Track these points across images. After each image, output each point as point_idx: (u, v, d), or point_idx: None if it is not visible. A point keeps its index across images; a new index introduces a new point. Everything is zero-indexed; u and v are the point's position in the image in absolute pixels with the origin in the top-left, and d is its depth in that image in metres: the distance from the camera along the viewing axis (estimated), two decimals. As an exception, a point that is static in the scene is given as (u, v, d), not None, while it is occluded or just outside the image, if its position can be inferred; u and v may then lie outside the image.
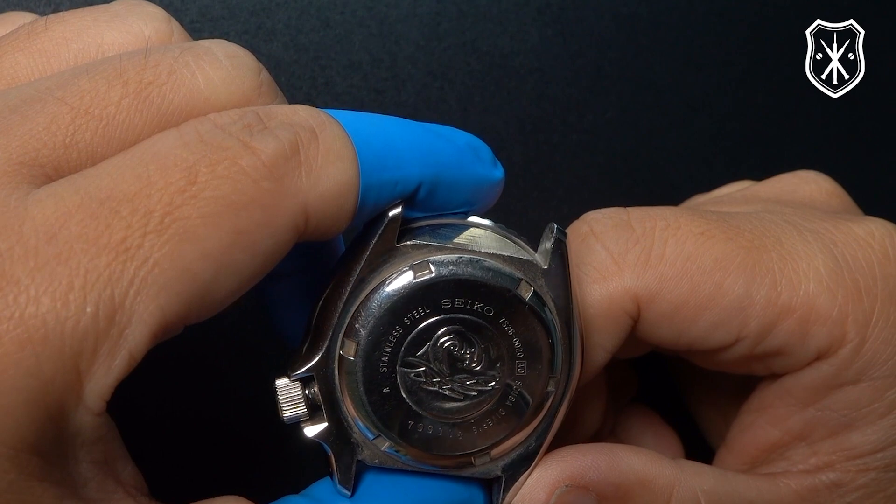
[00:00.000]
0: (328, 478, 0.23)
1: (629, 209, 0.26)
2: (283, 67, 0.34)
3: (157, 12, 0.23)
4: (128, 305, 0.18)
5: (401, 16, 0.35)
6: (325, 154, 0.20)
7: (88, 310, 0.17)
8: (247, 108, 0.20)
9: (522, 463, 0.23)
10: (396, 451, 0.22)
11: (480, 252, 0.22)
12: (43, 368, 0.17)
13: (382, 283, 0.22)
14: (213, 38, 0.34)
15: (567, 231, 0.25)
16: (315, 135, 0.20)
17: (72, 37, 0.22)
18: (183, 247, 0.18)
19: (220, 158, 0.19)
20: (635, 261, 0.25)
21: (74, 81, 0.20)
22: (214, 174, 0.19)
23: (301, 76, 0.35)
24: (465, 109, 0.36)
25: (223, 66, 0.21)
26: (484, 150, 0.23)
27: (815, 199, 0.30)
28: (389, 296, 0.22)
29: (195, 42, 0.22)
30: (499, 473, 0.23)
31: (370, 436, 0.22)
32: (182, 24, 0.33)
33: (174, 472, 0.27)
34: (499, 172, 0.23)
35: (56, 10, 0.33)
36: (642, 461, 0.24)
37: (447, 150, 0.22)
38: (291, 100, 0.34)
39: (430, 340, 0.22)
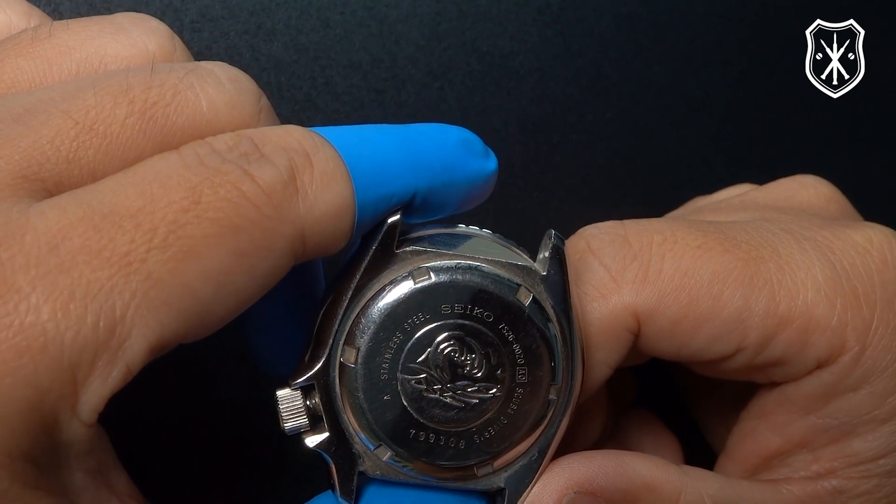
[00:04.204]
0: (330, 491, 0.23)
1: (626, 223, 0.26)
2: (283, 67, 0.34)
3: (162, 28, 0.23)
4: (128, 318, 0.18)
5: (401, 16, 0.35)
6: (320, 177, 0.20)
7: (89, 320, 0.17)
8: (241, 133, 0.21)
9: (525, 474, 0.23)
10: (398, 462, 0.22)
11: (480, 258, 0.22)
12: (40, 377, 0.17)
13: (382, 290, 0.22)
14: (213, 38, 0.34)
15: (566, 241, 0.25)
16: (309, 159, 0.20)
17: (76, 46, 0.22)
18: (185, 265, 0.18)
19: (222, 181, 0.19)
20: (633, 277, 0.25)
21: (80, 95, 0.20)
22: (218, 196, 0.19)
23: (301, 76, 0.34)
24: (465, 109, 0.36)
25: (226, 89, 0.21)
26: (475, 142, 0.23)
27: (813, 204, 0.30)
28: (389, 302, 0.22)
29: (198, 63, 0.22)
30: (501, 485, 0.23)
31: (371, 446, 0.22)
32: (182, 24, 0.34)
33: (174, 486, 0.27)
34: (492, 164, 0.23)
35: (56, 10, 0.33)
36: (649, 467, 0.24)
37: (439, 154, 0.22)
38: (291, 100, 0.35)
39: (430, 346, 0.22)
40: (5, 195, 0.18)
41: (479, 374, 0.22)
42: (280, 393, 0.22)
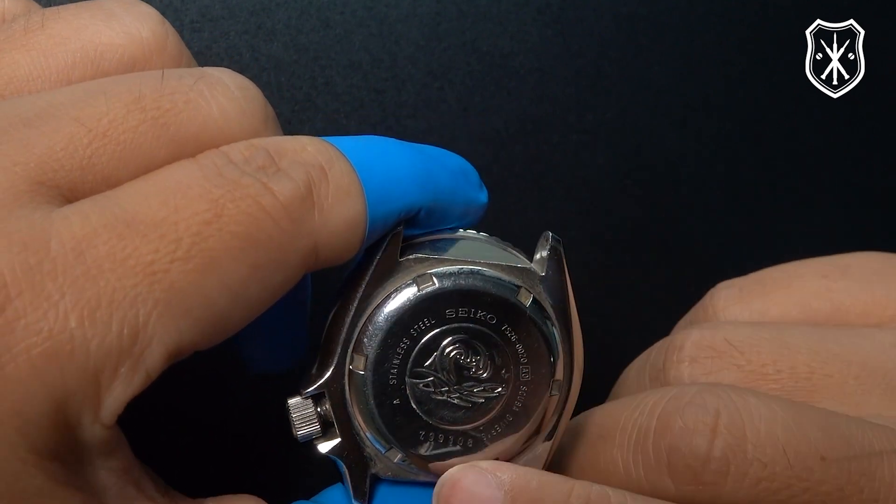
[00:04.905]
0: (339, 484, 0.24)
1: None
2: (283, 67, 0.34)
3: (152, 13, 0.23)
4: (150, 326, 0.18)
5: (401, 16, 0.35)
6: (335, 192, 0.20)
7: (114, 328, 0.18)
8: (256, 143, 0.21)
9: None
10: (408, 463, 0.23)
11: (481, 262, 0.23)
12: (67, 382, 0.17)
13: (388, 297, 0.22)
14: (213, 38, 0.34)
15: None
16: (325, 173, 0.20)
17: (70, 35, 0.22)
18: (206, 276, 0.19)
19: (243, 195, 0.19)
20: None
21: (90, 102, 0.20)
22: (239, 210, 0.19)
23: (301, 76, 0.34)
24: (465, 109, 0.36)
25: (236, 97, 0.21)
26: (472, 174, 0.24)
27: None
28: (395, 309, 0.22)
29: (204, 70, 0.22)
30: None
31: (382, 449, 0.23)
32: (182, 24, 0.34)
33: (180, 477, 0.27)
34: (484, 196, 0.24)
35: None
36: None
37: (442, 175, 0.23)
38: (291, 100, 0.35)
39: (436, 350, 0.22)
40: (25, 201, 0.18)
41: (485, 375, 0.23)
42: (291, 402, 0.23)
